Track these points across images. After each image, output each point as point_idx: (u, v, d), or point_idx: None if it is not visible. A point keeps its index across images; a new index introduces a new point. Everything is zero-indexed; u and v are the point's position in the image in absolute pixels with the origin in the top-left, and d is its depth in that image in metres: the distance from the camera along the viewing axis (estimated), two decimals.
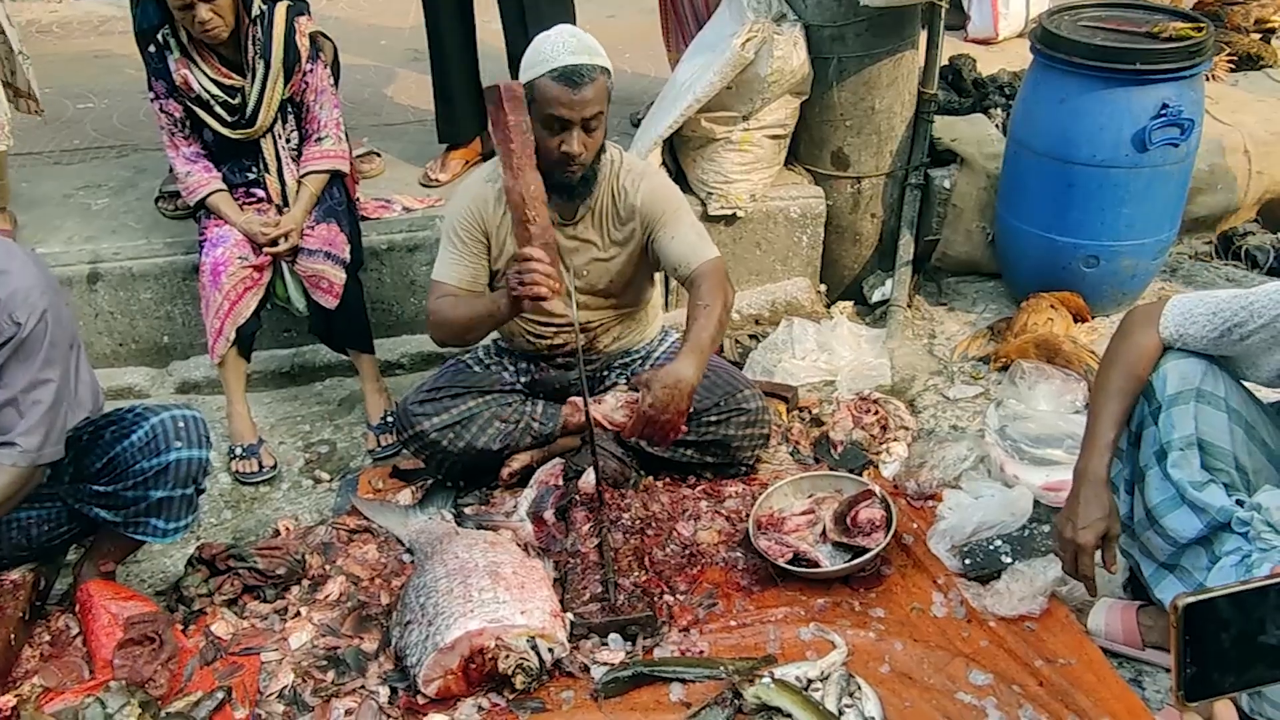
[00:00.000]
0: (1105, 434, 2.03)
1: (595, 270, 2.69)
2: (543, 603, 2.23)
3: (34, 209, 3.62)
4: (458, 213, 2.65)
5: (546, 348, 2.80)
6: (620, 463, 2.76)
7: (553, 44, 2.41)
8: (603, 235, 2.66)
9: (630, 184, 2.63)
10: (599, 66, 2.40)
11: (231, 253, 2.94)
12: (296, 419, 3.31)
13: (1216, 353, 1.97)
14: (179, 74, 2.89)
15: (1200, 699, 1.12)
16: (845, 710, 2.03)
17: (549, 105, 2.39)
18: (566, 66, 2.36)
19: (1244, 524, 1.86)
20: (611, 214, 2.65)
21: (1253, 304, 1.90)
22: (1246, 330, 1.90)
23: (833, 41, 3.42)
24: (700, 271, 2.54)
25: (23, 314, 2.00)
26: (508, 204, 2.43)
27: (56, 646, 2.34)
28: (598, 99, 2.40)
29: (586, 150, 2.45)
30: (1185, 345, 1.99)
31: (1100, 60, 3.03)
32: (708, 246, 2.61)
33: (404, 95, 4.57)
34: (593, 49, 2.43)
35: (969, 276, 3.73)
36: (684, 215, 2.66)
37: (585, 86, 2.36)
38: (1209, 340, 1.95)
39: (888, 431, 2.96)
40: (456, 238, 2.64)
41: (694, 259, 2.56)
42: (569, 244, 2.64)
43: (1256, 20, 4.37)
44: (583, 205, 2.61)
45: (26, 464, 2.08)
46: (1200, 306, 1.97)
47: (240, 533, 2.81)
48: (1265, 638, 1.10)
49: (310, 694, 2.20)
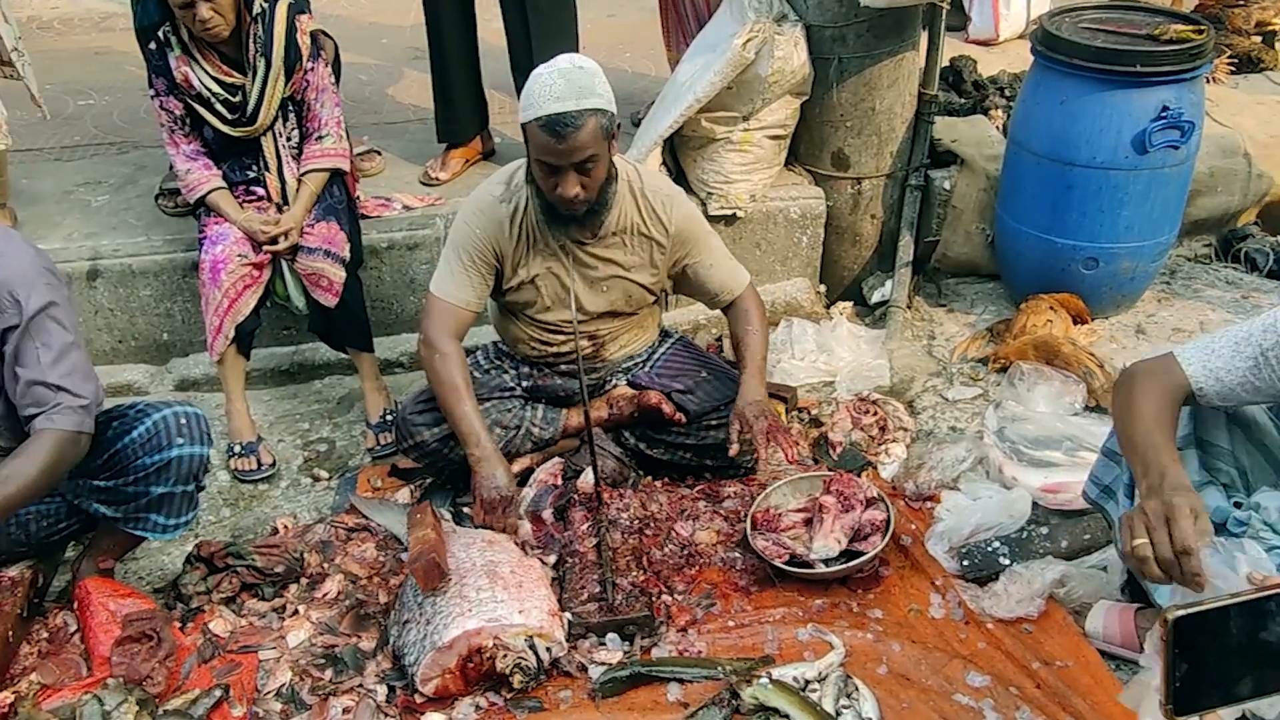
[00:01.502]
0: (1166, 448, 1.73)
1: (616, 287, 2.67)
2: (541, 602, 2.23)
3: (34, 205, 3.62)
4: (469, 232, 2.57)
5: (551, 355, 2.79)
6: (619, 462, 2.76)
7: (542, 86, 2.30)
8: (627, 253, 2.63)
9: (660, 206, 2.59)
10: (588, 110, 2.28)
11: (231, 250, 2.94)
12: (295, 417, 3.31)
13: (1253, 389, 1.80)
14: (179, 71, 2.89)
15: (1188, 713, 1.11)
16: (842, 711, 2.03)
17: (538, 151, 2.35)
18: (551, 115, 2.27)
19: (1241, 524, 1.86)
20: (642, 235, 2.61)
21: (1275, 324, 1.77)
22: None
23: (833, 42, 3.42)
24: (742, 297, 2.74)
25: (23, 292, 2.01)
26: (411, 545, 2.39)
27: (54, 643, 2.34)
28: (589, 143, 2.30)
29: (584, 190, 2.39)
30: (1221, 385, 1.81)
31: (1101, 62, 3.03)
32: (741, 270, 2.76)
33: (404, 94, 4.57)
34: (583, 90, 2.29)
35: (968, 278, 3.73)
36: (714, 239, 2.73)
37: (572, 135, 2.27)
38: (1245, 373, 1.79)
39: (886, 432, 2.97)
40: (465, 256, 2.58)
41: (735, 286, 2.74)
42: (591, 260, 2.61)
43: (1257, 23, 4.38)
44: (604, 224, 2.56)
45: (73, 427, 2.07)
46: (1216, 344, 1.83)
47: (239, 530, 2.81)
48: (1257, 652, 1.09)
49: (308, 692, 2.20)
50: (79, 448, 2.12)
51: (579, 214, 2.46)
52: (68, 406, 2.07)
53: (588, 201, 2.43)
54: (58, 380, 2.06)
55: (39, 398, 2.07)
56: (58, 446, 2.07)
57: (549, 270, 2.62)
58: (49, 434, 2.06)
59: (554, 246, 2.59)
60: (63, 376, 2.07)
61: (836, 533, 2.46)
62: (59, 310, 2.08)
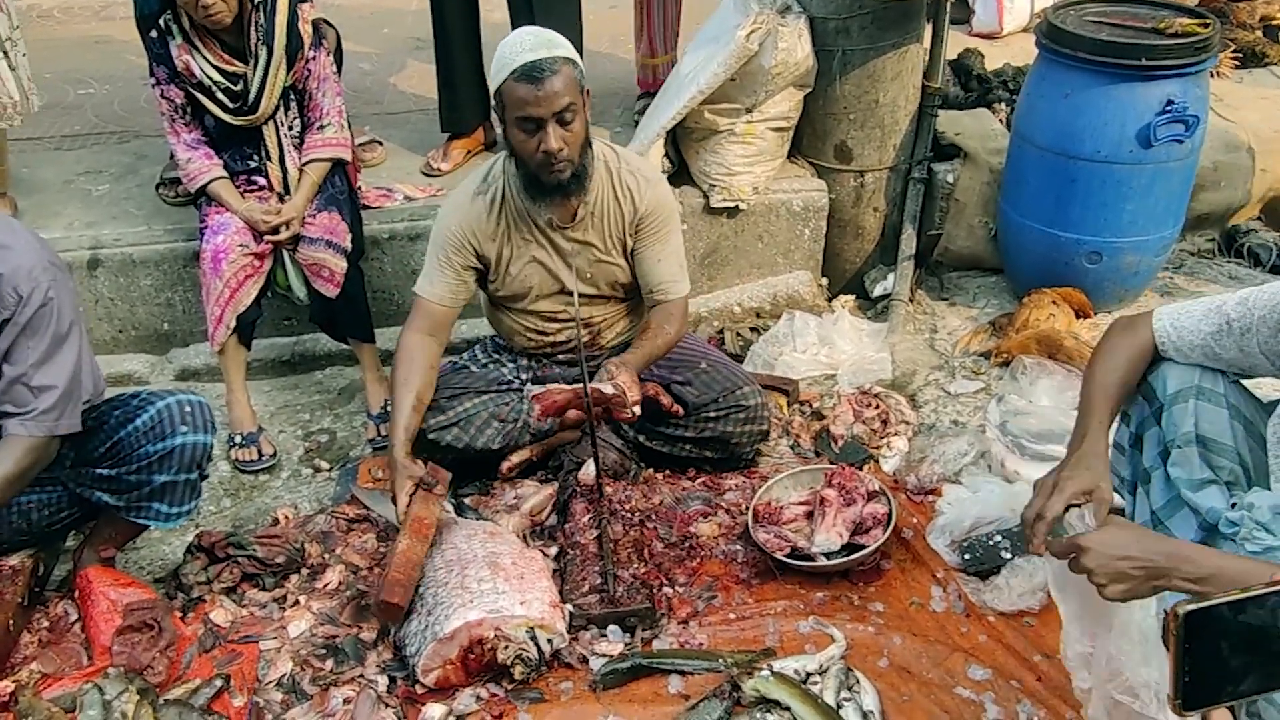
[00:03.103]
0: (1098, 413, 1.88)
1: (599, 271, 2.68)
2: (542, 593, 2.23)
3: (35, 194, 3.61)
4: (447, 230, 2.61)
5: (549, 345, 2.79)
6: (620, 454, 2.76)
7: (511, 45, 2.36)
8: (604, 237, 2.63)
9: (635, 186, 2.60)
10: (561, 58, 2.33)
11: (232, 240, 2.93)
12: (296, 407, 3.31)
13: (1211, 354, 1.91)
14: (181, 60, 2.88)
15: (1197, 708, 1.11)
16: (844, 704, 2.03)
17: (517, 107, 2.34)
18: (526, 64, 2.30)
19: (1233, 525, 1.85)
20: (615, 214, 2.62)
21: (1247, 299, 1.86)
22: (1246, 324, 1.87)
23: (837, 34, 3.41)
24: (672, 303, 2.67)
25: (26, 288, 2.01)
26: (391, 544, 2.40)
27: (55, 632, 2.34)
28: (566, 90, 2.32)
29: (567, 146, 2.38)
30: (1180, 340, 1.93)
31: (1105, 55, 3.02)
32: (685, 281, 2.73)
33: (406, 83, 4.56)
34: (552, 42, 2.36)
35: (971, 271, 3.72)
36: (674, 237, 2.69)
37: (548, 80, 2.30)
38: (1206, 335, 1.90)
39: (888, 426, 2.97)
40: (441, 253, 2.61)
41: (672, 291, 2.68)
42: (569, 246, 2.62)
43: (1261, 17, 4.37)
44: (581, 206, 2.57)
45: (44, 434, 2.09)
46: (1193, 306, 1.93)
47: (239, 521, 2.81)
48: (1266, 646, 1.08)
49: (309, 682, 2.20)
50: (49, 452, 2.14)
51: (563, 179, 2.44)
52: (42, 412, 2.08)
53: (570, 162, 2.42)
54: (40, 382, 2.07)
55: (17, 398, 2.07)
56: (28, 453, 2.09)
57: (534, 259, 2.62)
58: (18, 441, 2.08)
59: (536, 234, 2.59)
60: (47, 377, 2.07)
61: (838, 526, 2.45)
62: (61, 307, 2.07)
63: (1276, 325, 1.83)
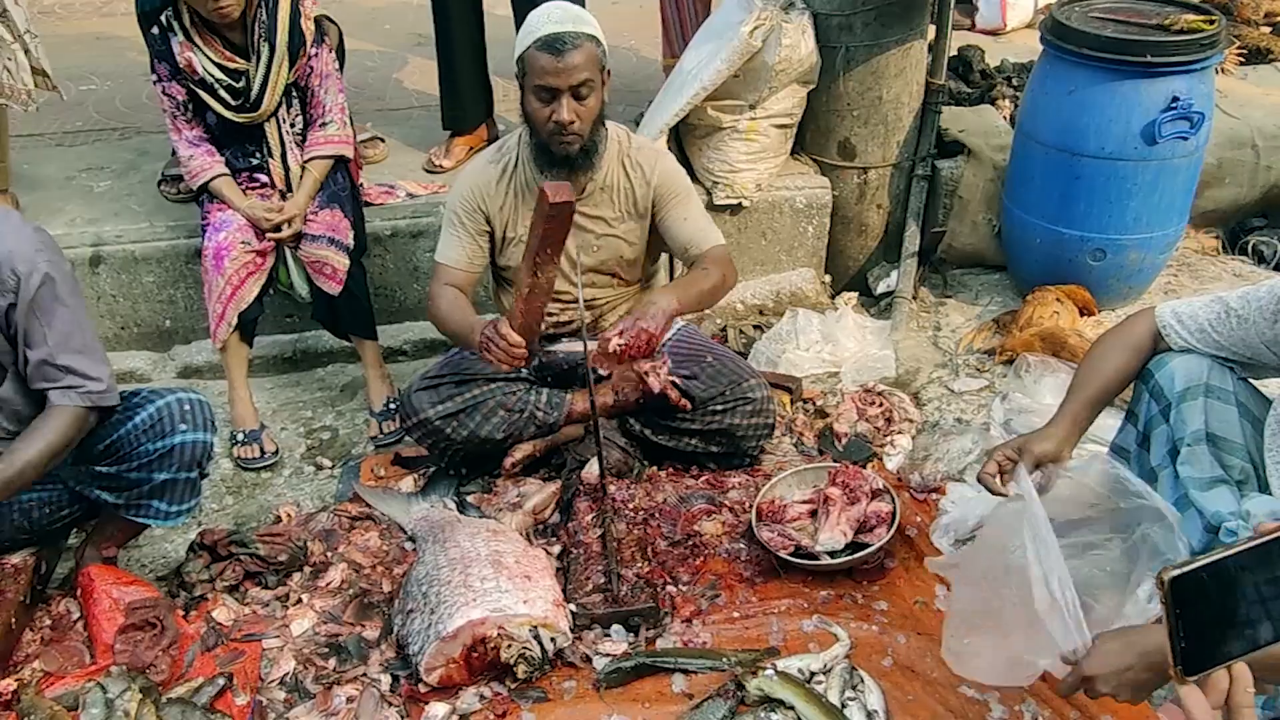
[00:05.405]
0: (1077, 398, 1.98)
1: (606, 246, 2.70)
2: (545, 592, 2.22)
3: (36, 191, 3.60)
4: (459, 194, 2.68)
5: (552, 324, 2.79)
6: (624, 452, 2.76)
7: (539, 16, 2.43)
8: (615, 209, 2.67)
9: (645, 161, 2.65)
10: (585, 34, 2.39)
11: (234, 237, 2.93)
12: (298, 405, 3.30)
13: (1211, 340, 1.94)
14: (182, 57, 2.87)
15: (1199, 671, 1.11)
16: (848, 703, 2.03)
17: (537, 75, 2.40)
18: (551, 34, 2.37)
19: (1232, 535, 1.84)
20: (625, 189, 2.65)
21: (1248, 293, 1.89)
22: (1245, 314, 1.89)
23: (841, 30, 3.39)
24: (710, 253, 2.62)
25: (23, 267, 2.01)
26: (518, 279, 2.40)
27: (57, 631, 2.33)
28: (586, 65, 2.38)
29: (580, 119, 2.43)
30: (1181, 325, 1.95)
31: (1110, 52, 3.01)
32: (715, 232, 2.70)
33: (409, 80, 4.56)
34: (580, 18, 2.43)
35: (974, 268, 3.72)
36: (694, 199, 2.72)
37: (570, 53, 2.36)
38: (1206, 321, 1.93)
39: (892, 424, 2.96)
40: (457, 219, 2.68)
41: (704, 241, 2.65)
42: (580, 220, 2.61)
43: (1266, 14, 4.35)
44: (591, 181, 2.61)
45: (88, 404, 2.11)
46: (1195, 299, 1.97)
47: (242, 519, 2.80)
48: (1257, 600, 1.08)
49: (312, 681, 2.19)
50: (88, 424, 2.16)
51: (571, 151, 2.48)
52: (84, 380, 2.11)
53: (580, 135, 2.46)
54: (65, 361, 2.09)
55: (49, 375, 2.10)
56: (72, 423, 2.11)
57: None
58: (63, 411, 2.10)
59: None
60: (70, 356, 2.10)
61: (842, 524, 2.45)
62: (61, 287, 2.08)
63: (1273, 314, 1.85)
